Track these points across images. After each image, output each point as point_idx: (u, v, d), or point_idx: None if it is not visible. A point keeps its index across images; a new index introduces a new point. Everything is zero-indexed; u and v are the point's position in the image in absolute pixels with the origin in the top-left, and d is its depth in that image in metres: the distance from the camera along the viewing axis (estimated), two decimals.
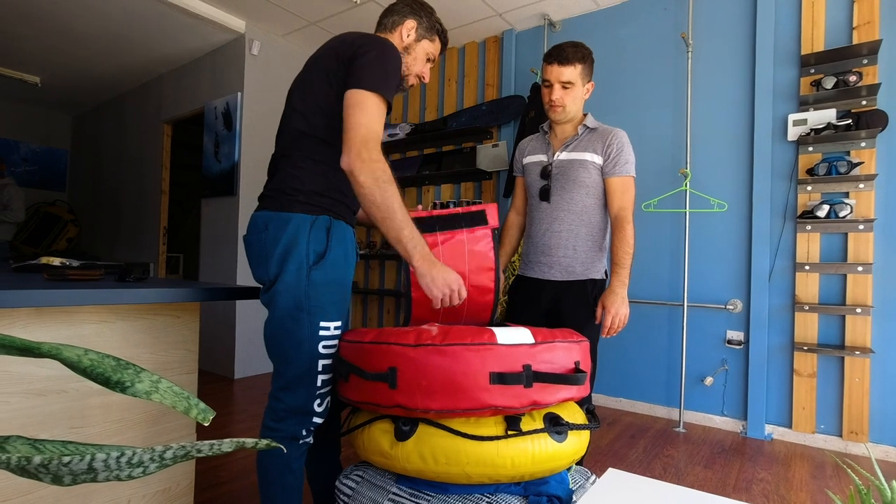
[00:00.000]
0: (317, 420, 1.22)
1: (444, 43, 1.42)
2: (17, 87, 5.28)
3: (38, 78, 5.04)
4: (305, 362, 1.18)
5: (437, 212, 1.34)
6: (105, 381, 0.55)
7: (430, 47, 1.39)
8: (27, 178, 6.06)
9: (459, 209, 1.38)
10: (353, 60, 1.17)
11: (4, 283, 1.10)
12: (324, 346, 1.20)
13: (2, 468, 0.39)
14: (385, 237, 1.14)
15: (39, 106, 6.13)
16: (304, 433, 1.20)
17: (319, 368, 1.20)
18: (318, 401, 1.21)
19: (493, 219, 1.38)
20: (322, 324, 1.19)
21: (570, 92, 1.63)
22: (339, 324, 1.23)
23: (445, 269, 1.15)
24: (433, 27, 1.37)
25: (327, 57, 1.23)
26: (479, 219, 1.37)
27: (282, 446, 0.50)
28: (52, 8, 3.57)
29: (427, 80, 1.42)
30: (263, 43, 3.87)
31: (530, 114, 3.40)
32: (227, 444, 0.39)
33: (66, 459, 0.38)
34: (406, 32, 1.35)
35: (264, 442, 0.42)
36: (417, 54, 1.37)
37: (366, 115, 1.12)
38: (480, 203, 3.38)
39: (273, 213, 1.21)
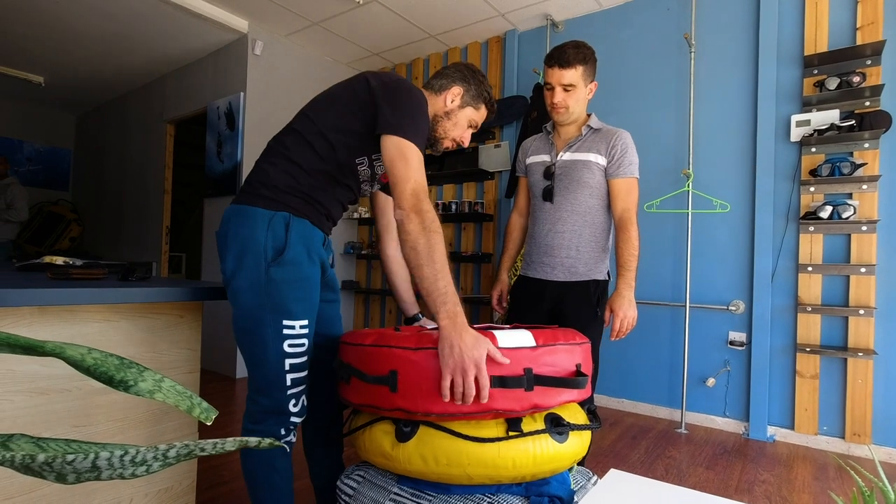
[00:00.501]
0: (294, 420, 1.20)
1: (490, 111, 1.42)
2: (21, 86, 5.30)
3: (42, 78, 5.05)
4: (273, 363, 1.16)
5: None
6: (108, 380, 0.55)
7: (475, 115, 1.39)
8: (31, 178, 6.08)
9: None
10: (384, 98, 1.17)
11: (9, 282, 1.11)
12: (289, 346, 1.17)
13: (6, 466, 0.40)
14: (419, 288, 1.09)
15: (43, 106, 6.16)
16: (282, 432, 1.18)
17: (287, 368, 1.17)
18: (292, 401, 1.19)
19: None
20: (286, 322, 1.16)
21: (573, 94, 1.62)
22: (304, 322, 1.19)
23: (474, 339, 0.99)
24: (480, 95, 1.38)
25: (359, 83, 1.23)
26: None
27: (285, 446, 0.50)
28: (56, 9, 3.58)
29: (466, 144, 1.43)
30: (266, 43, 3.88)
31: (533, 114, 3.39)
32: (231, 443, 0.39)
33: (70, 458, 0.38)
34: (451, 98, 1.35)
35: (267, 441, 0.42)
36: (458, 120, 1.37)
37: (411, 168, 1.12)
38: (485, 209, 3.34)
39: (237, 207, 1.20)
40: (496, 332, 1.06)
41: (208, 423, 0.54)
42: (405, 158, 1.13)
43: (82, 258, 1.86)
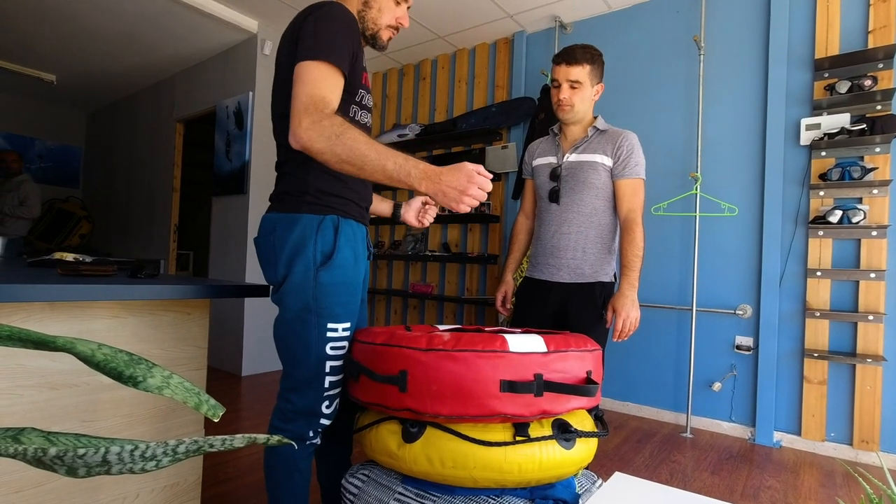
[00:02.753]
0: (324, 422, 1.22)
1: None
2: (33, 85, 5.36)
3: (54, 76, 5.11)
4: (313, 364, 1.18)
5: None
6: (118, 376, 0.56)
7: None
8: (42, 175, 6.14)
9: None
10: (298, 38, 1.09)
11: (21, 278, 1.12)
12: (331, 348, 1.19)
13: (18, 459, 0.40)
14: (374, 181, 1.02)
15: (55, 104, 6.22)
16: (310, 434, 1.20)
17: (327, 370, 1.19)
18: (325, 402, 1.20)
19: None
20: (330, 325, 1.18)
21: (579, 91, 1.63)
22: (347, 325, 1.22)
23: (453, 173, 0.98)
24: None
25: (284, 52, 1.16)
26: None
27: (292, 442, 0.50)
28: (69, 8, 3.62)
29: (406, 24, 1.30)
30: (275, 43, 3.90)
31: (540, 116, 3.39)
32: (239, 440, 0.40)
33: (81, 452, 0.38)
34: None
35: (276, 438, 0.43)
36: (381, 4, 1.24)
37: (304, 83, 1.02)
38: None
39: (281, 215, 1.21)
40: (507, 336, 1.06)
41: (216, 420, 0.54)
42: (298, 79, 1.04)
43: (91, 255, 1.87)
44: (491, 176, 1.01)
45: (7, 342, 0.55)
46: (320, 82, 1.03)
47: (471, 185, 0.97)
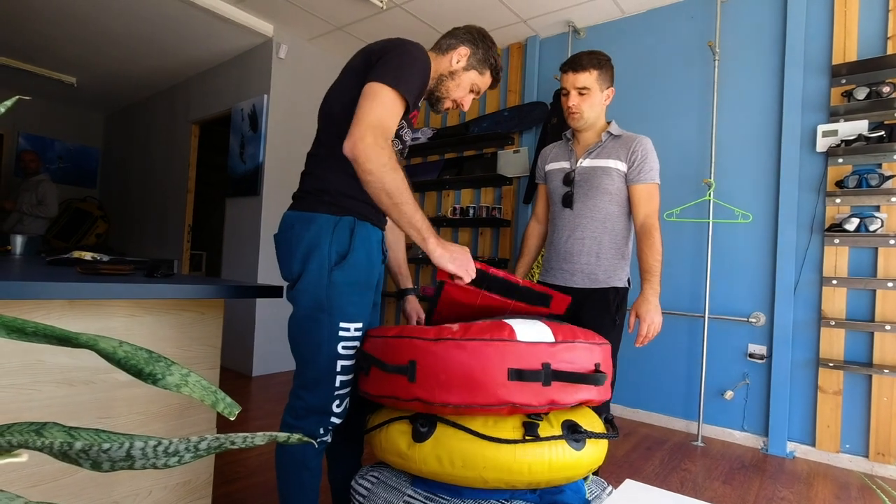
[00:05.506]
0: (335, 420, 1.23)
1: (495, 80, 1.40)
2: (55, 86, 5.48)
3: (75, 78, 5.21)
4: (325, 362, 1.20)
5: (492, 270, 1.24)
6: (138, 373, 0.57)
7: (478, 79, 1.37)
8: (61, 175, 6.26)
9: (522, 282, 1.28)
10: (380, 59, 1.17)
11: (42, 276, 1.15)
12: (343, 347, 1.21)
13: (45, 452, 0.41)
14: (396, 223, 1.11)
15: (75, 105, 6.35)
16: (321, 432, 1.22)
17: (338, 369, 1.21)
18: (336, 401, 1.22)
19: (557, 307, 1.32)
20: (342, 324, 1.20)
21: (588, 98, 1.63)
22: (359, 325, 1.23)
23: (456, 249, 1.16)
24: (487, 61, 1.35)
25: (359, 60, 1.25)
26: (541, 300, 1.30)
27: (313, 440, 0.51)
28: (90, 11, 3.69)
29: (466, 108, 1.41)
30: (291, 46, 3.94)
31: (553, 120, 3.39)
32: (260, 437, 0.40)
33: (106, 446, 0.39)
34: (457, 58, 1.33)
35: (296, 436, 0.43)
36: (462, 81, 1.34)
37: (377, 103, 1.09)
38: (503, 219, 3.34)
39: (300, 213, 1.23)
40: (515, 325, 1.06)
41: (231, 419, 0.55)
42: (374, 97, 1.10)
43: (108, 254, 1.91)
44: (471, 277, 1.17)
45: (33, 338, 0.57)
46: (389, 109, 1.10)
47: (466, 262, 1.15)
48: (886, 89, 2.43)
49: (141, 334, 1.29)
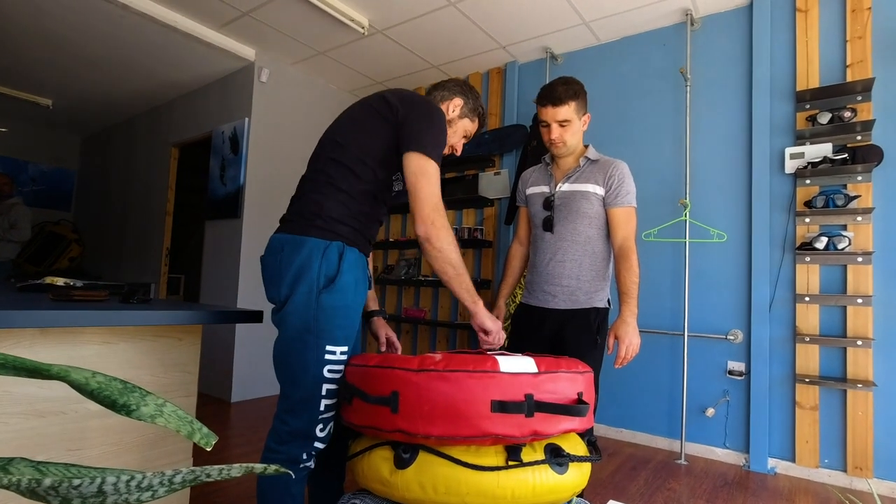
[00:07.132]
0: (318, 445, 1.21)
1: (481, 125, 1.57)
2: (29, 109, 5.39)
3: (51, 100, 5.14)
4: (310, 385, 1.19)
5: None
6: (111, 404, 0.56)
7: (469, 126, 1.53)
8: (34, 198, 6.12)
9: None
10: (408, 117, 1.25)
11: (11, 303, 1.12)
12: (329, 371, 1.20)
13: (12, 490, 0.40)
14: (453, 291, 1.27)
15: (50, 128, 6.24)
16: (304, 457, 1.20)
17: (323, 393, 1.20)
18: (320, 425, 1.21)
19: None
20: (328, 347, 1.20)
21: (568, 129, 1.67)
22: (345, 349, 1.23)
23: (494, 320, 1.34)
24: (475, 109, 1.52)
25: (381, 105, 1.30)
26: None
27: (291, 473, 0.50)
28: (67, 33, 3.67)
29: (458, 153, 1.56)
30: (272, 71, 3.97)
31: (532, 143, 3.45)
32: (237, 469, 0.40)
33: (77, 482, 0.38)
34: (452, 108, 1.48)
35: (273, 467, 0.43)
36: (457, 129, 1.50)
37: (431, 184, 1.21)
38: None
39: (290, 236, 1.24)
40: (498, 357, 1.07)
41: (208, 449, 0.54)
42: (427, 176, 1.21)
43: (81, 278, 1.86)
44: (501, 343, 1.37)
45: (1, 371, 0.55)
46: (437, 182, 1.24)
47: (496, 332, 1.35)
48: (847, 114, 2.54)
49: (115, 362, 1.25)
